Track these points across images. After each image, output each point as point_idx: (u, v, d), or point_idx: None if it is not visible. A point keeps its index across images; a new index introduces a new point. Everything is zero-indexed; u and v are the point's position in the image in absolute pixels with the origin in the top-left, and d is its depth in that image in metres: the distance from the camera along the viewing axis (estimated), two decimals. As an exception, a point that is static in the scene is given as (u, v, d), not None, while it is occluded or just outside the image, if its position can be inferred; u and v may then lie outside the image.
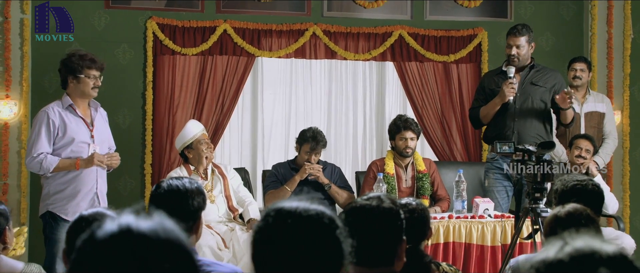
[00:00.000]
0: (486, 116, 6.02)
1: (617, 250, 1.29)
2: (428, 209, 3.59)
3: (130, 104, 7.25)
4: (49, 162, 5.23)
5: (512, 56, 5.97)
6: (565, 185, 3.55)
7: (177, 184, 3.04)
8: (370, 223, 2.44)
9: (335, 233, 1.71)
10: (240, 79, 7.36)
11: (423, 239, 3.48)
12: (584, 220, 2.93)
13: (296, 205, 1.72)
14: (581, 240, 1.31)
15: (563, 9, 7.97)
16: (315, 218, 1.70)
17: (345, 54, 7.54)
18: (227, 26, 7.29)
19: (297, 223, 1.69)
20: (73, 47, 6.99)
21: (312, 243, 1.67)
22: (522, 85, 5.97)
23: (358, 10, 7.61)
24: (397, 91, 7.88)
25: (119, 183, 7.20)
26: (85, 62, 5.34)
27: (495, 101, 5.90)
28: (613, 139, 6.76)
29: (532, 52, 6.13)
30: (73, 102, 5.38)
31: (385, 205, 2.50)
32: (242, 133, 7.62)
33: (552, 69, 6.21)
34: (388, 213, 2.48)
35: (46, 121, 5.29)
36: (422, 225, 3.46)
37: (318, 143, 6.21)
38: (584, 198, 3.48)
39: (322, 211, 1.73)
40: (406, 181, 6.18)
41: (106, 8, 7.18)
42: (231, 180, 5.99)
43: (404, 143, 6.12)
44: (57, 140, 5.30)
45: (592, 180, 3.62)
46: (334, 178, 6.35)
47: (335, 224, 1.72)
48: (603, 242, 1.30)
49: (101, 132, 5.51)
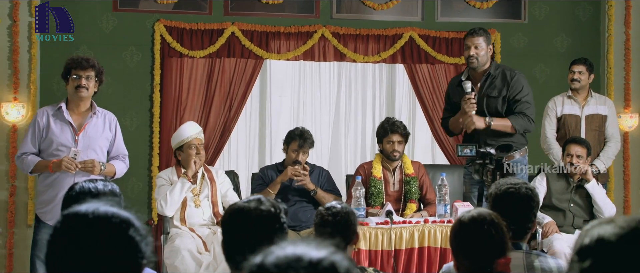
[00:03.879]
0: (455, 129, 5.86)
1: (323, 257, 1.33)
2: (354, 213, 3.51)
3: (138, 106, 7.26)
4: (27, 163, 5.27)
5: (471, 56, 5.69)
6: (499, 189, 3.46)
7: (90, 186, 3.05)
8: (247, 225, 2.44)
9: (127, 233, 1.71)
10: (248, 81, 7.32)
11: (348, 243, 3.41)
12: (487, 225, 2.81)
13: (87, 207, 1.73)
14: (291, 246, 1.36)
15: (579, 10, 7.80)
16: (105, 219, 1.70)
17: (354, 57, 7.46)
18: (235, 28, 7.26)
19: (85, 224, 1.69)
20: (80, 49, 7.05)
21: (102, 243, 1.67)
22: (480, 97, 5.72)
23: (368, 11, 7.53)
24: (407, 94, 7.78)
25: (126, 186, 7.21)
26: (70, 64, 5.33)
27: (459, 117, 5.70)
28: (615, 142, 6.57)
29: (490, 55, 5.86)
30: (69, 106, 5.37)
31: (263, 207, 2.49)
32: (249, 135, 7.58)
33: (509, 70, 5.85)
34: (266, 215, 2.47)
35: (34, 123, 5.35)
36: (345, 229, 3.41)
37: (305, 141, 6.12)
38: (517, 201, 3.40)
39: (114, 212, 1.72)
40: (394, 184, 6.07)
41: (114, 11, 7.20)
42: (220, 185, 5.93)
43: (391, 146, 6.00)
44: (41, 142, 5.32)
45: (527, 183, 3.52)
46: (322, 181, 6.26)
47: (129, 224, 1.72)
48: (316, 249, 1.35)
49: (92, 138, 5.39)
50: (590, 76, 6.57)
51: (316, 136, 7.52)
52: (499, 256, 2.76)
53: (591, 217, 6.07)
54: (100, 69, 5.39)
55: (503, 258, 2.75)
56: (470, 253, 2.81)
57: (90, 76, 5.33)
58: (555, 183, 6.13)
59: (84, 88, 5.30)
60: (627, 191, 7.64)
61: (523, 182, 3.50)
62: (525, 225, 3.32)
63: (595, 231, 1.42)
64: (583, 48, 7.65)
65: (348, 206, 3.51)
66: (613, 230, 1.39)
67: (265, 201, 2.54)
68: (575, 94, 6.57)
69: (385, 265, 5.13)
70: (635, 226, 1.38)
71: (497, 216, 2.89)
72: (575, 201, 6.09)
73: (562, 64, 6.98)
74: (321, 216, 3.47)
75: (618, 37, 7.67)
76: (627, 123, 7.61)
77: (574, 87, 6.53)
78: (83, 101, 5.39)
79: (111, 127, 5.55)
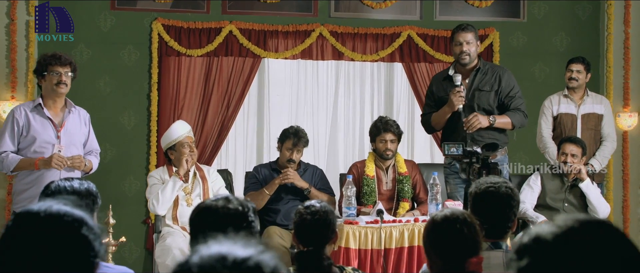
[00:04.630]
0: (438, 124, 5.84)
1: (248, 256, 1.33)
2: (333, 212, 3.50)
3: (136, 105, 7.26)
4: (9, 161, 5.22)
5: (463, 52, 5.69)
6: (479, 188, 3.42)
7: (66, 185, 3.04)
8: (214, 224, 2.43)
9: (79, 231, 1.71)
10: (246, 80, 7.33)
11: (326, 242, 3.40)
12: (459, 224, 2.79)
13: (39, 206, 1.74)
14: (218, 245, 1.35)
15: (578, 9, 7.77)
16: (57, 217, 1.71)
17: (352, 55, 7.46)
18: (233, 27, 7.27)
19: (37, 223, 1.70)
20: (78, 48, 7.07)
21: (53, 242, 1.68)
22: (469, 92, 5.73)
23: (366, 10, 7.52)
24: (405, 92, 7.77)
25: (124, 184, 7.23)
26: (48, 60, 5.29)
27: (445, 110, 5.68)
28: (611, 141, 6.55)
29: (479, 52, 5.88)
30: (45, 102, 5.35)
31: (231, 206, 2.48)
32: (247, 134, 7.59)
33: (499, 67, 5.95)
34: (234, 214, 2.46)
35: (11, 120, 5.28)
36: (324, 228, 3.38)
37: (300, 139, 6.11)
38: (497, 201, 3.36)
39: (67, 211, 1.73)
40: (387, 183, 6.05)
41: (112, 9, 7.21)
42: (212, 184, 5.93)
43: (384, 145, 5.99)
44: (21, 139, 5.28)
45: (507, 182, 3.49)
46: (315, 180, 6.25)
47: (81, 223, 1.72)
48: (243, 248, 1.35)
49: (72, 133, 5.42)
50: (588, 75, 6.56)
51: (314, 135, 7.56)
52: (471, 255, 2.74)
53: (585, 217, 6.06)
54: (75, 66, 5.42)
55: (475, 257, 2.74)
56: (442, 253, 2.80)
57: (68, 72, 5.34)
58: (549, 183, 6.12)
59: (64, 84, 5.31)
60: (626, 190, 7.61)
61: (503, 181, 3.47)
62: (505, 224, 3.29)
63: (534, 231, 1.42)
64: (582, 47, 7.62)
65: (327, 205, 3.48)
66: (550, 229, 1.39)
67: (234, 200, 2.53)
68: (572, 93, 6.55)
69: (375, 264, 5.13)
70: (571, 226, 1.38)
71: (470, 216, 2.87)
72: (569, 201, 6.08)
73: (561, 63, 6.95)
74: (300, 215, 3.44)
75: (617, 36, 7.64)
76: (626, 122, 7.58)
77: (572, 86, 6.51)
78: (60, 97, 5.39)
79: (86, 123, 5.59)
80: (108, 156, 7.13)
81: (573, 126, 6.47)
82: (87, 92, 7.09)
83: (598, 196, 6.06)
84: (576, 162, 5.99)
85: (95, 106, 7.11)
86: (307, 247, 3.39)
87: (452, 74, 5.75)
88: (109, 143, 7.12)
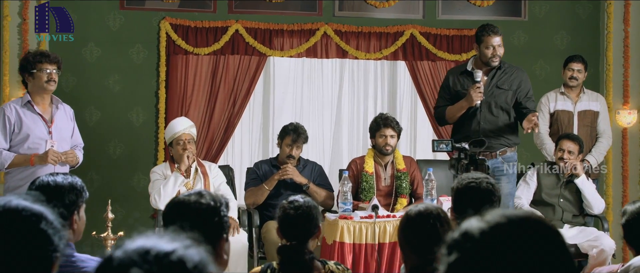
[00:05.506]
0: (452, 118, 5.95)
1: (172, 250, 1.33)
2: (317, 207, 3.57)
3: (144, 102, 7.44)
4: (3, 158, 5.30)
5: (495, 56, 5.83)
6: (461, 183, 3.51)
7: (49, 180, 3.07)
8: (186, 218, 2.44)
9: (38, 226, 1.72)
10: (251, 78, 7.49)
11: (309, 237, 3.48)
12: (433, 220, 2.91)
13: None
14: (144, 238, 1.35)
15: (579, 8, 7.88)
16: (15, 212, 1.72)
17: (356, 53, 7.60)
18: (239, 26, 7.43)
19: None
20: (88, 47, 7.26)
21: (11, 236, 1.69)
22: (488, 88, 5.85)
23: (369, 10, 7.66)
24: (408, 90, 7.91)
25: (132, 180, 7.41)
26: (36, 58, 5.40)
27: (462, 104, 5.80)
28: (607, 138, 6.68)
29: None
30: (34, 99, 5.44)
31: (203, 200, 2.50)
32: (253, 131, 7.74)
33: (517, 68, 6.08)
34: (206, 209, 2.48)
35: (2, 118, 5.36)
36: (306, 223, 3.46)
37: (299, 136, 6.28)
38: (478, 196, 3.44)
39: (25, 206, 1.74)
40: (385, 179, 6.20)
41: (121, 9, 7.39)
42: (213, 179, 6.09)
43: (383, 140, 6.13)
44: (13, 136, 5.37)
45: (488, 177, 3.56)
46: (314, 176, 6.41)
47: (40, 218, 1.73)
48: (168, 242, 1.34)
49: (62, 129, 5.54)
50: (585, 74, 6.70)
51: (318, 132, 7.72)
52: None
53: (580, 212, 6.22)
54: (61, 64, 5.55)
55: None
56: (416, 247, 2.91)
57: (56, 70, 5.47)
58: (545, 178, 6.26)
59: (53, 81, 5.44)
60: (625, 186, 7.72)
61: (484, 176, 3.54)
62: None
63: (463, 226, 1.40)
64: (582, 45, 7.74)
65: (310, 201, 3.56)
66: (478, 225, 1.38)
67: (206, 195, 2.54)
68: (568, 91, 6.68)
69: (369, 258, 5.27)
70: (498, 221, 1.37)
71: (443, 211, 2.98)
72: (564, 196, 6.22)
73: (562, 61, 7.06)
74: (283, 210, 3.54)
75: (617, 35, 7.75)
76: (625, 119, 7.69)
77: (572, 85, 6.64)
78: (48, 94, 5.51)
79: (71, 118, 5.71)
80: (117, 152, 7.34)
81: (569, 123, 6.60)
82: (96, 90, 7.30)
83: (593, 191, 6.19)
84: (573, 158, 6.12)
85: (104, 104, 7.34)
86: (290, 241, 3.48)
87: (471, 69, 5.88)
88: (118, 139, 7.33)
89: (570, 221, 6.21)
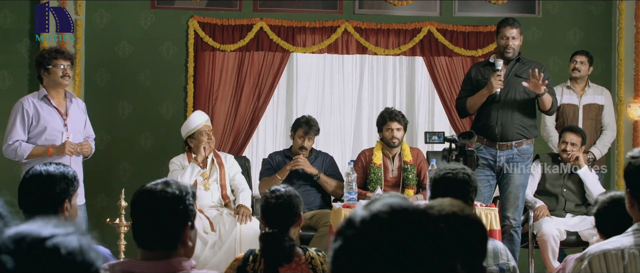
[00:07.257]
0: (472, 107, 6.15)
1: (48, 236, 1.29)
2: (298, 196, 3.71)
3: (173, 97, 7.81)
4: (23, 149, 5.58)
5: (509, 47, 6.08)
6: (438, 174, 3.61)
7: (41, 170, 3.18)
8: (151, 207, 2.51)
9: None
10: (275, 73, 7.82)
11: (290, 225, 3.62)
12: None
13: None
14: (28, 224, 1.32)
15: (591, 5, 8.11)
16: None
17: (375, 50, 7.89)
18: (264, 24, 7.76)
19: None
20: (121, 44, 7.65)
21: None
22: (507, 77, 6.08)
23: (388, 7, 7.96)
24: (426, 85, 8.19)
25: (162, 170, 7.74)
26: (51, 54, 5.69)
27: (483, 92, 6.02)
28: (611, 130, 6.94)
29: (521, 46, 6.28)
30: (49, 93, 5.72)
31: (169, 189, 2.54)
32: (276, 124, 8.08)
33: (537, 62, 6.32)
34: (170, 197, 2.52)
35: (21, 111, 5.63)
36: (287, 211, 3.61)
37: (311, 128, 6.61)
38: (455, 186, 3.54)
39: None
40: (392, 171, 6.49)
41: (152, 8, 7.76)
42: (229, 169, 6.43)
43: (390, 133, 6.44)
44: (31, 129, 5.64)
45: (465, 168, 3.67)
46: (325, 166, 6.74)
47: None
48: (49, 228, 1.30)
49: (76, 121, 5.82)
50: (590, 68, 6.95)
51: (339, 124, 8.04)
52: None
53: (583, 202, 6.47)
54: (74, 60, 5.88)
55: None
56: None
57: (70, 66, 5.78)
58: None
59: (68, 76, 5.76)
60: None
61: (462, 168, 3.66)
62: None
63: (350, 214, 1.42)
64: (595, 41, 7.97)
65: (292, 190, 3.69)
66: (361, 213, 1.39)
67: (173, 184, 2.57)
68: (574, 84, 6.94)
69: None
70: (380, 210, 1.38)
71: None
72: (568, 187, 6.48)
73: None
74: (265, 199, 3.67)
75: (628, 31, 7.95)
76: (636, 112, 7.91)
77: (575, 76, 6.91)
78: (63, 89, 5.81)
79: (84, 111, 6.00)
80: (148, 145, 7.72)
81: (575, 116, 6.86)
82: (128, 84, 7.69)
83: (595, 182, 6.45)
84: (575, 150, 6.39)
85: (136, 98, 7.72)
86: (272, 228, 3.62)
87: (492, 60, 6.14)
88: (148, 131, 7.71)
89: (573, 210, 6.47)
